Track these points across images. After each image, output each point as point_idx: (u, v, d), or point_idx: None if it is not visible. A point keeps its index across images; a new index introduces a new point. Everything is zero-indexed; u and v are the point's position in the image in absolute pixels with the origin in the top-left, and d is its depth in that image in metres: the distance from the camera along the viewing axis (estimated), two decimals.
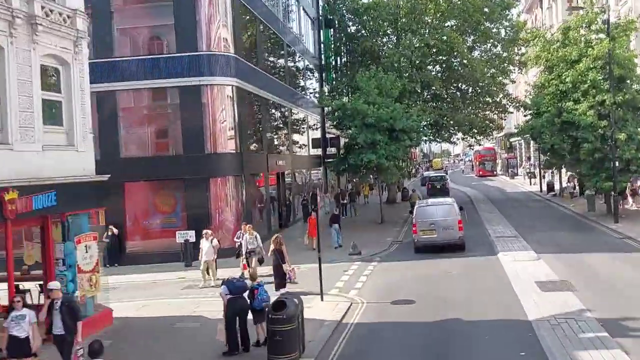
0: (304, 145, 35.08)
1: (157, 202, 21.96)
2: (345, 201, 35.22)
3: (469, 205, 35.41)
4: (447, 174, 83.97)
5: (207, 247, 16.86)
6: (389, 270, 18.03)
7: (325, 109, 28.20)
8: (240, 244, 17.36)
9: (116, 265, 21.37)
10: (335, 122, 28.84)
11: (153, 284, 18.23)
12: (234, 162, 22.10)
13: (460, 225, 19.30)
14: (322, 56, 40.47)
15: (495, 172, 70.04)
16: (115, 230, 21.33)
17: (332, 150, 37.32)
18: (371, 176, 30.61)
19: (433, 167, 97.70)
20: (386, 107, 26.96)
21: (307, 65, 38.07)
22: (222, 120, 21.88)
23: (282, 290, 15.11)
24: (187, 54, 21.32)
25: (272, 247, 15.73)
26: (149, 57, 21.66)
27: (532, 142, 73.50)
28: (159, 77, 21.37)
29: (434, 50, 35.02)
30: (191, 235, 20.92)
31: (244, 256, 16.53)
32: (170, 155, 21.78)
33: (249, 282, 11.16)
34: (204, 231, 17.39)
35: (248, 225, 16.88)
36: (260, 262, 16.46)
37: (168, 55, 21.64)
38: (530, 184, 48.78)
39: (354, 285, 16.04)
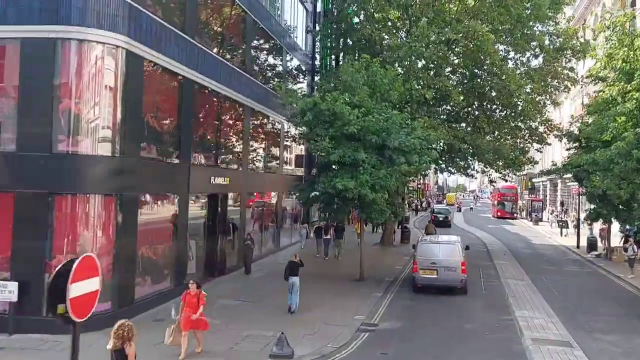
0: (274, 160, 26.01)
1: None
2: (328, 237, 26.03)
3: (486, 261, 25.87)
4: (460, 210, 74.52)
5: None
6: None
7: (294, 111, 19.23)
8: None
9: None
10: (303, 130, 19.76)
11: None
12: (105, 171, 13.06)
13: (464, 267, 17.32)
14: (316, 54, 31.74)
15: (515, 215, 60.07)
16: None
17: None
18: (353, 210, 21.06)
19: (447, 203, 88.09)
20: (378, 114, 17.89)
21: (298, 64, 29.30)
22: (92, 101, 12.95)
23: None
24: None
25: (110, 343, 7.26)
26: None
27: (559, 183, 63.83)
28: None
29: (455, 51, 25.97)
30: (12, 289, 12.01)
31: None
32: None
33: None
34: None
35: None
36: None
37: None
38: (562, 235, 38.96)
39: None
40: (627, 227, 28.65)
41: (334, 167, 18.29)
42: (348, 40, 26.15)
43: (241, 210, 21.07)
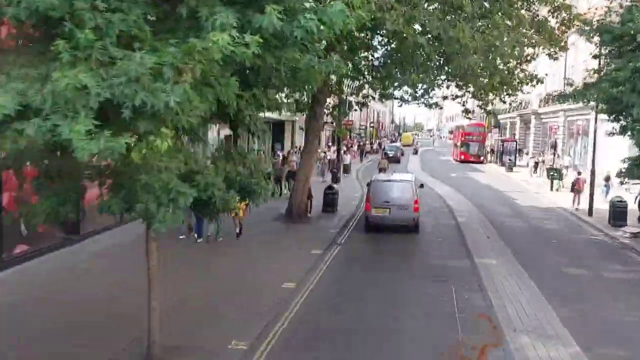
0: None
1: None
2: None
3: (460, 258, 13.80)
4: (417, 153, 62.87)
5: None
6: None
7: None
8: None
9: None
10: None
11: None
12: None
13: (417, 205, 16.14)
14: None
15: (482, 158, 48.83)
16: None
17: None
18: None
19: (403, 143, 76.50)
20: None
21: None
22: None
23: None
24: None
25: None
26: None
27: (532, 120, 52.56)
28: None
29: None
30: None
31: None
32: None
33: None
34: None
35: None
36: None
37: None
38: (552, 189, 27.72)
39: None
40: None
41: None
42: None
43: None
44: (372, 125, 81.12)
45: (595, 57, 16.93)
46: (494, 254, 14.16)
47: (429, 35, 12.70)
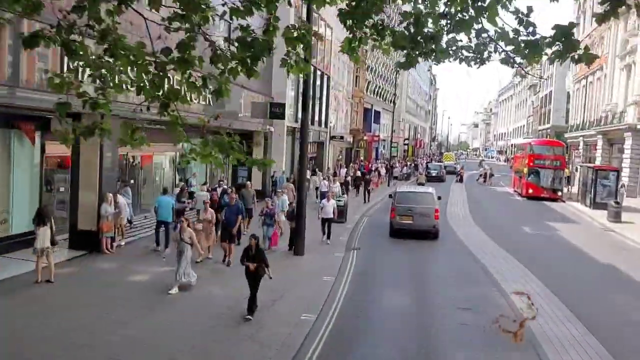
0: None
1: None
2: None
3: None
4: (462, 181, 45.86)
5: None
6: None
7: None
8: None
9: None
10: None
11: None
12: None
13: (437, 214, 17.70)
14: None
15: (560, 194, 31.92)
16: None
17: None
18: None
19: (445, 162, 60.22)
20: None
21: None
22: None
23: None
24: None
25: None
26: None
27: (630, 139, 34.71)
28: None
29: None
30: None
31: None
32: None
33: None
34: None
35: None
36: None
37: None
38: None
39: None
40: None
41: None
42: None
43: None
44: (406, 142, 64.32)
45: None
46: None
47: None
